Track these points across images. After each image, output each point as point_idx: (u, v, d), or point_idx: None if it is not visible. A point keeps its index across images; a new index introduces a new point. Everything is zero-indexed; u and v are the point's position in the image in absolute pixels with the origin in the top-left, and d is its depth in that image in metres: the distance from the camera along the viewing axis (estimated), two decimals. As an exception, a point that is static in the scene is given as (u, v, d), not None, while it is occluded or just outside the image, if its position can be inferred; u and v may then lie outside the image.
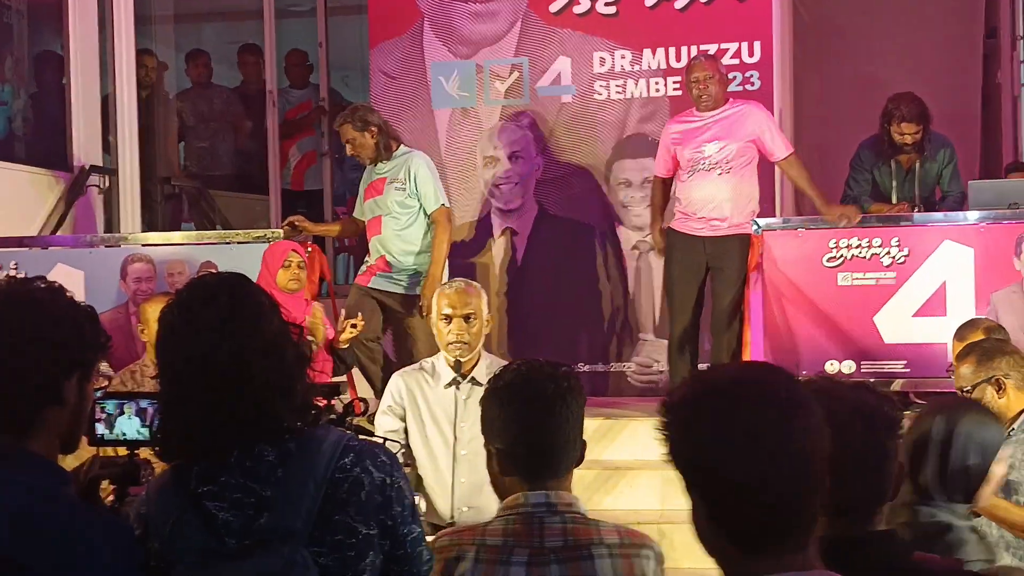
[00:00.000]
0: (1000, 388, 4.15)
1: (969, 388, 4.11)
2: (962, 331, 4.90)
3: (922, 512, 3.16)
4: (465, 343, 4.37)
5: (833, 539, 1.95)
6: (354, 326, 5.77)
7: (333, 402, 2.79)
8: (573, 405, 2.67)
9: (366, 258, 6.76)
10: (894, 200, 7.02)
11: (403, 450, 4.39)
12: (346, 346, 5.82)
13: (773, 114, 6.92)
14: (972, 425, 3.25)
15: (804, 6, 9.39)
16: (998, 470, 3.28)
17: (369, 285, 6.59)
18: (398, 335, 6.70)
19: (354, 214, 6.96)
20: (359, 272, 6.75)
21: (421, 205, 6.55)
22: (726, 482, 1.62)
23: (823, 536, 1.83)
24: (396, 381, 4.56)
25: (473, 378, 4.35)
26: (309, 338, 5.32)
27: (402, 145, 6.69)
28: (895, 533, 2.25)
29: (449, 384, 4.43)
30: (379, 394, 6.20)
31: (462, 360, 4.38)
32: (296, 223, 6.66)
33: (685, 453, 1.68)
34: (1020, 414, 4.20)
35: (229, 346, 2.18)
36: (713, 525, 1.67)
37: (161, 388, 2.28)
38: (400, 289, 6.52)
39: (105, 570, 2.11)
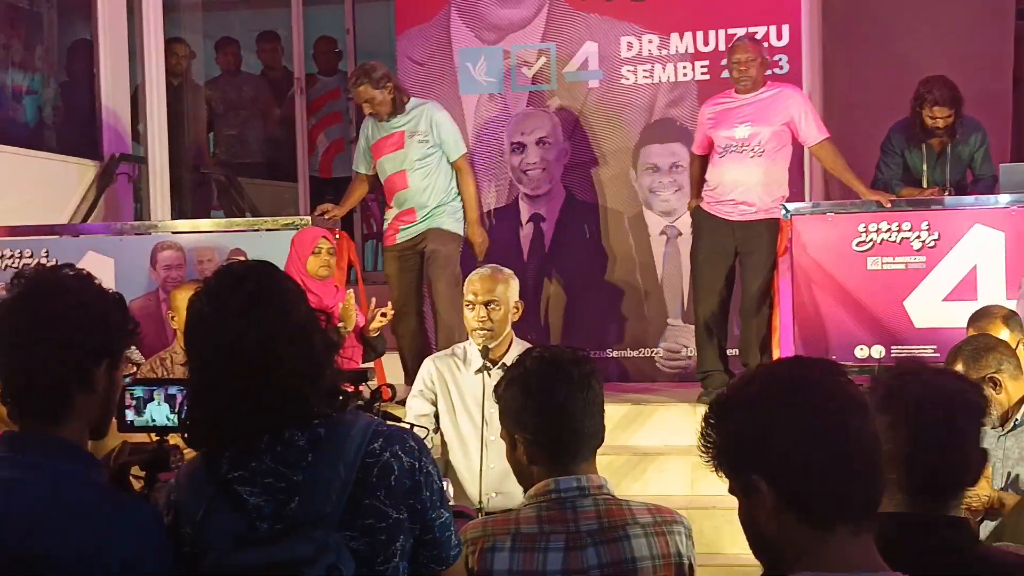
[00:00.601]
0: (996, 385, 4.18)
1: None
2: (978, 322, 4.81)
3: None
4: (488, 330, 4.38)
5: (903, 519, 2.07)
6: (383, 315, 5.78)
7: (361, 388, 2.79)
8: (597, 388, 2.68)
9: (386, 214, 6.83)
10: (925, 183, 6.99)
11: (431, 435, 4.40)
12: (376, 334, 5.82)
13: (802, 98, 6.89)
14: None
15: (833, -12, 9.34)
16: None
17: (397, 241, 6.69)
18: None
19: (358, 169, 6.93)
20: (384, 233, 6.84)
21: (444, 153, 6.65)
22: (813, 470, 1.71)
23: (893, 514, 1.97)
24: (428, 366, 4.60)
25: (504, 364, 4.31)
26: (340, 324, 5.33)
27: (411, 97, 6.74)
28: (966, 521, 2.26)
29: (479, 370, 4.44)
30: (408, 372, 6.29)
31: (489, 346, 4.40)
32: (326, 212, 6.69)
33: (763, 445, 1.75)
34: (1020, 402, 4.22)
35: (256, 333, 2.19)
36: (785, 511, 1.74)
37: (189, 375, 2.29)
38: (425, 226, 6.62)
39: (135, 556, 2.12)
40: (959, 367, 4.20)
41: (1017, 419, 4.27)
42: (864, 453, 1.75)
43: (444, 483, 2.44)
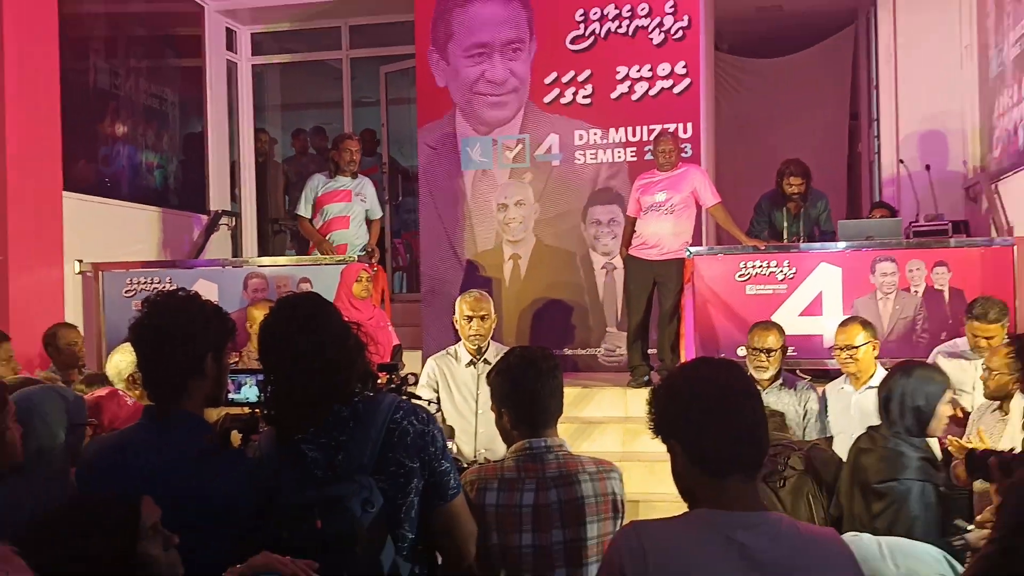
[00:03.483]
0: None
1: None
2: (844, 323, 4.61)
3: (890, 441, 3.22)
4: (481, 335, 4.44)
5: None
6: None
7: (393, 376, 2.79)
8: (559, 376, 2.69)
9: (318, 249, 6.85)
10: (785, 235, 7.04)
11: (438, 411, 4.40)
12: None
13: (701, 174, 6.93)
14: (920, 379, 3.29)
15: (723, 98, 9.42)
16: (943, 410, 3.29)
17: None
18: None
19: (307, 214, 6.90)
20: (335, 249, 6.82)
21: (369, 213, 6.97)
22: (709, 438, 1.75)
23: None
24: (430, 364, 4.57)
25: (486, 359, 4.38)
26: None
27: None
28: None
29: (468, 364, 4.45)
30: None
31: (481, 347, 4.42)
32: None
33: (677, 420, 1.79)
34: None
35: (308, 340, 2.20)
36: (693, 465, 1.77)
37: (265, 376, 2.28)
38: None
39: (237, 490, 2.15)
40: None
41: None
42: (748, 427, 1.77)
43: (449, 443, 2.43)
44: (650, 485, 5.41)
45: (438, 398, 4.48)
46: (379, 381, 2.47)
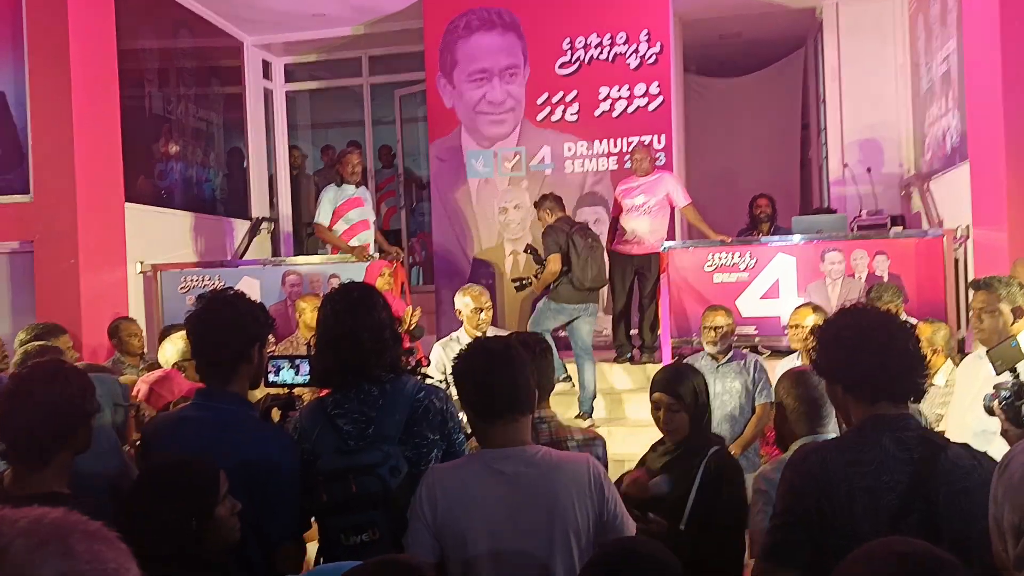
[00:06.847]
0: None
1: None
2: (798, 308, 4.56)
3: None
4: (487, 322, 4.45)
5: None
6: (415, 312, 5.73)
7: (409, 359, 2.80)
8: (550, 358, 2.66)
9: (340, 247, 6.50)
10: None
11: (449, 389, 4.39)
12: (414, 326, 5.75)
13: (673, 179, 6.93)
14: None
15: (692, 113, 9.39)
16: None
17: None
18: None
19: (323, 222, 6.44)
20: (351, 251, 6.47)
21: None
22: (477, 388, 1.97)
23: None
24: (437, 349, 4.53)
25: None
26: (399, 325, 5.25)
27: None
28: None
29: (469, 348, 4.43)
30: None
31: (487, 332, 4.42)
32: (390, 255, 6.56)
33: (462, 375, 2.01)
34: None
35: (354, 323, 2.22)
36: (471, 412, 2.00)
37: (316, 345, 2.30)
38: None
39: (279, 458, 2.16)
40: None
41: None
42: (505, 387, 1.96)
43: (461, 416, 2.44)
44: (631, 446, 5.41)
45: (445, 379, 4.47)
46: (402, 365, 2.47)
